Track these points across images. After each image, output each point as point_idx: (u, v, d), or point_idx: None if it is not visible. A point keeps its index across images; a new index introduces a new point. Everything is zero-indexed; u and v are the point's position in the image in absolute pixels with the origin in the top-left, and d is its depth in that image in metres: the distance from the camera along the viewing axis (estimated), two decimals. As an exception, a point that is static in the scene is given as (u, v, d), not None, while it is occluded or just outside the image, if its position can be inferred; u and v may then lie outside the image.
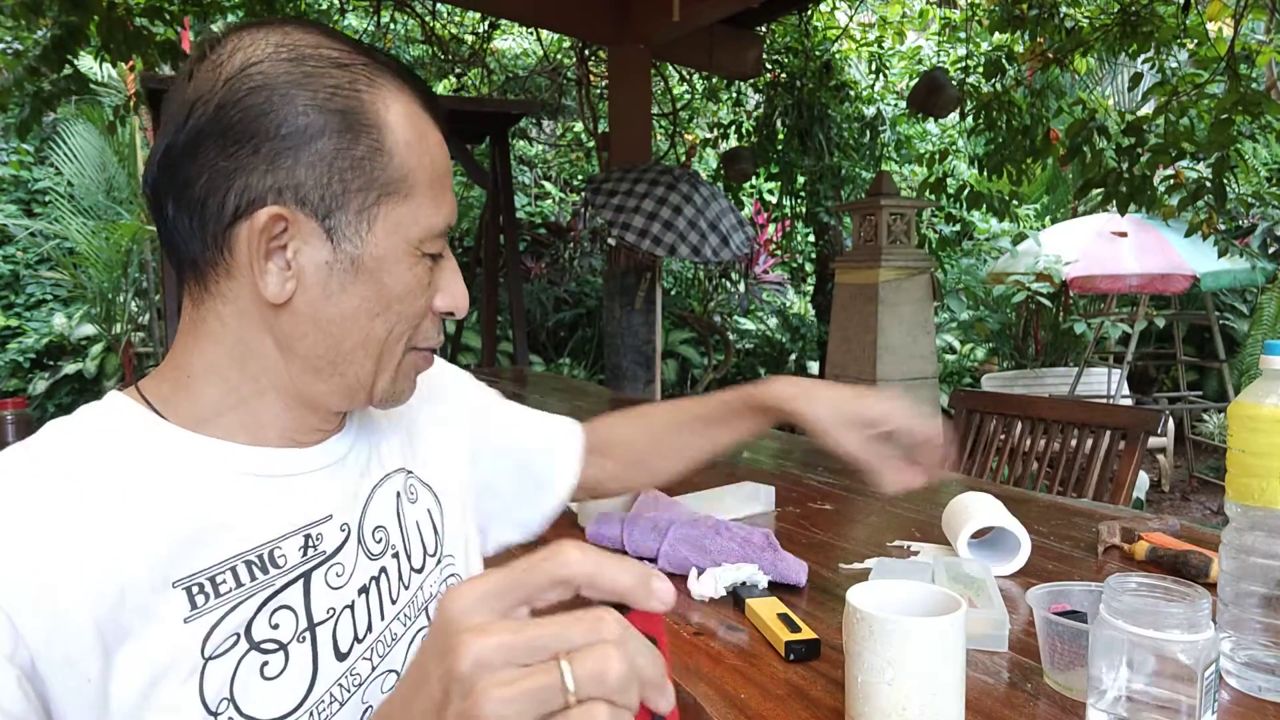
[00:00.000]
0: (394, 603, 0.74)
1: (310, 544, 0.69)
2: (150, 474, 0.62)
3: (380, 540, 0.75)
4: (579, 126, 8.14)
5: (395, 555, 0.76)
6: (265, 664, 0.64)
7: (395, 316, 0.67)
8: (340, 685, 0.68)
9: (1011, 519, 1.18)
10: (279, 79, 0.62)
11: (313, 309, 0.65)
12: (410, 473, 0.81)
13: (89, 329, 7.54)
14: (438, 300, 0.70)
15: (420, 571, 0.78)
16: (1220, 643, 0.78)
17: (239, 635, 0.63)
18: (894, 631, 0.70)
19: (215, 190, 0.61)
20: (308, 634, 0.67)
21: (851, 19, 6.52)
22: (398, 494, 0.78)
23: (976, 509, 1.21)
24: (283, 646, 0.66)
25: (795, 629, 0.93)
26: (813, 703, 0.81)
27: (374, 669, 0.71)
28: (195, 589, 0.61)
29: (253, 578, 0.65)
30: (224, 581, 0.63)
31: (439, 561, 0.81)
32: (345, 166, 0.63)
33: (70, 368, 7.40)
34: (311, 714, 0.66)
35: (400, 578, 0.76)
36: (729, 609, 1.06)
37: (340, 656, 0.69)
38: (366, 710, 0.70)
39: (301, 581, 0.68)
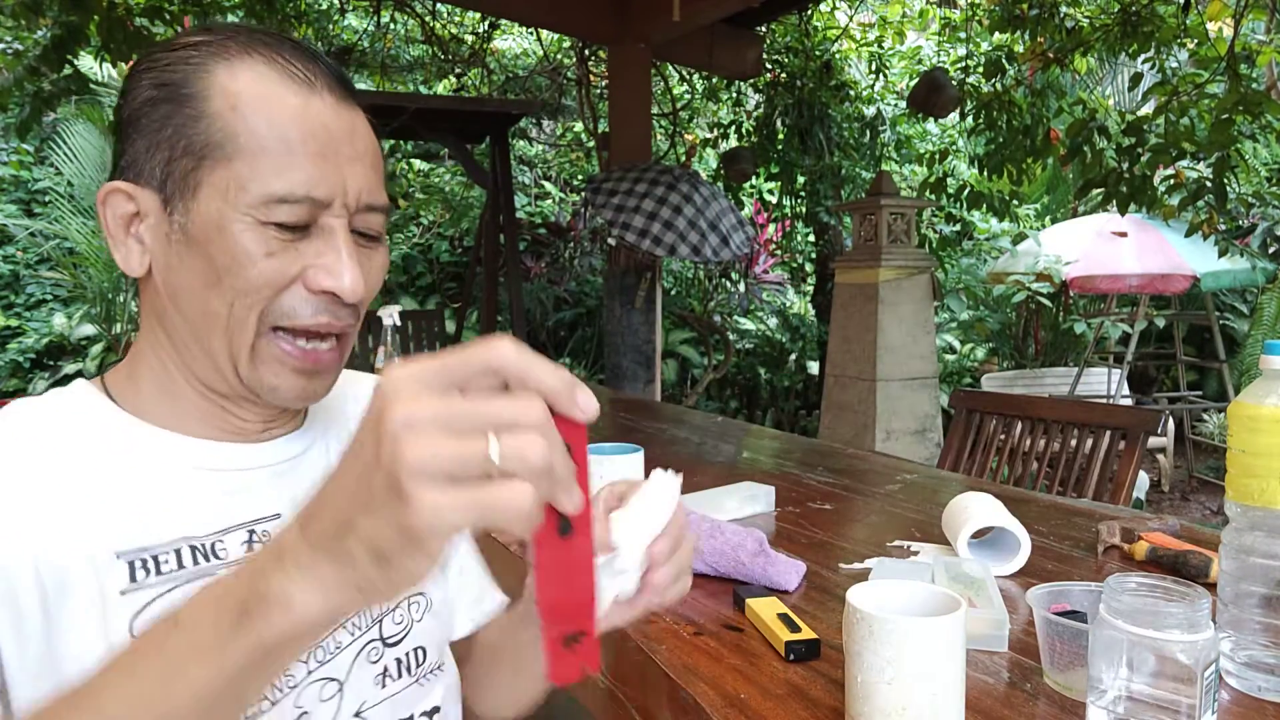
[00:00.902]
0: None
1: (255, 540, 0.69)
2: (100, 456, 0.65)
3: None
4: (579, 126, 8.14)
5: None
6: None
7: (229, 289, 0.63)
8: (274, 686, 0.67)
9: (1011, 519, 1.18)
10: (142, 65, 0.65)
11: (164, 283, 0.66)
12: None
13: (89, 329, 7.54)
14: (316, 277, 0.65)
15: None
16: (1220, 643, 0.78)
17: None
18: (894, 631, 0.70)
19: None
20: None
21: (851, 19, 6.52)
22: None
23: (976, 509, 1.21)
24: None
25: (795, 629, 0.93)
26: (813, 703, 0.81)
27: (310, 673, 0.70)
28: (138, 563, 0.63)
29: (195, 563, 0.65)
30: (166, 561, 0.64)
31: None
32: (169, 135, 0.63)
33: (70, 368, 7.40)
34: None
35: None
36: (729, 609, 1.06)
37: None
38: (302, 715, 0.69)
39: None
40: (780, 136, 6.28)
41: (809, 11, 6.05)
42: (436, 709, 0.79)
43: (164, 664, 0.45)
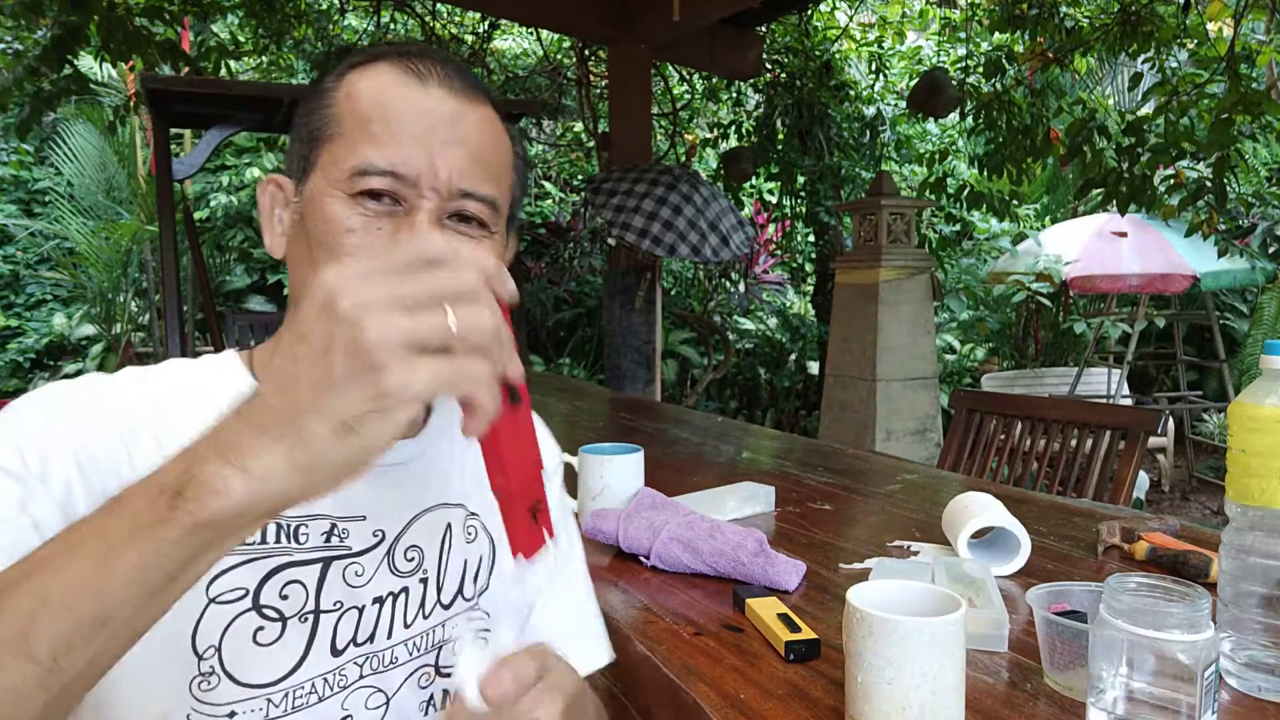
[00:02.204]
0: (407, 626, 0.74)
1: (335, 534, 0.70)
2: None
3: (412, 560, 0.74)
4: (579, 126, 8.14)
5: (424, 581, 0.75)
6: (260, 629, 0.66)
7: (320, 263, 0.66)
8: (324, 679, 0.69)
9: (1011, 519, 1.18)
10: (323, 81, 0.74)
11: (289, 261, 0.72)
12: (475, 514, 0.79)
13: (89, 329, 7.54)
14: None
15: (447, 608, 0.76)
16: (1220, 643, 0.78)
17: (246, 591, 0.65)
18: (894, 631, 0.70)
19: None
20: (311, 617, 0.68)
21: (851, 19, 6.52)
22: (448, 525, 0.77)
23: (976, 509, 1.21)
24: (283, 619, 0.67)
25: (795, 629, 0.93)
26: (813, 703, 0.81)
27: (361, 677, 0.71)
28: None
29: (276, 540, 0.67)
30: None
31: (473, 607, 0.79)
32: (300, 127, 0.72)
33: (70, 368, 7.40)
34: (288, 695, 0.67)
35: (422, 605, 0.75)
36: (729, 609, 1.06)
37: (335, 652, 0.69)
38: (345, 718, 0.70)
39: (320, 565, 0.69)
40: (780, 136, 6.28)
41: (809, 11, 6.04)
42: None
43: (101, 543, 0.45)
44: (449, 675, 0.76)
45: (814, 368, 7.11)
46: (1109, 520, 1.28)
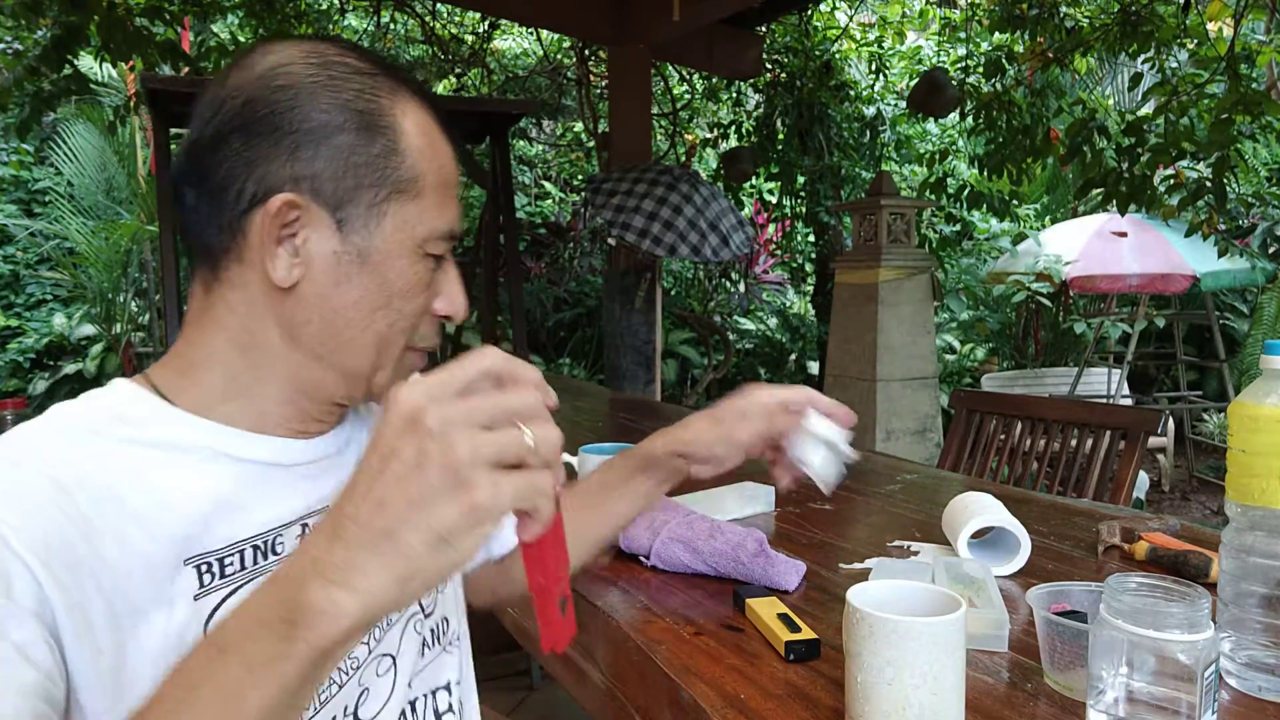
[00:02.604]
0: None
1: (309, 532, 0.70)
2: (159, 456, 0.64)
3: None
4: (579, 126, 8.14)
5: None
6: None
7: (396, 312, 0.69)
8: (339, 669, 0.71)
9: (1011, 519, 1.18)
10: (305, 79, 0.66)
11: (318, 297, 0.67)
12: None
13: (89, 329, 7.54)
14: (437, 303, 0.72)
15: None
16: (1220, 643, 0.78)
17: None
18: (894, 631, 0.70)
19: (235, 178, 0.65)
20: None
21: (851, 19, 6.51)
22: None
23: (976, 509, 1.21)
24: None
25: (795, 629, 0.93)
26: (813, 703, 0.81)
27: (370, 652, 0.74)
28: (204, 567, 0.63)
29: (255, 562, 0.67)
30: (231, 563, 0.65)
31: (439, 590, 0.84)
32: (360, 162, 0.66)
33: (70, 368, 7.40)
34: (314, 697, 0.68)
35: None
36: (729, 609, 1.06)
37: None
38: (363, 693, 0.73)
39: None
40: (780, 136, 6.27)
41: (809, 12, 6.04)
42: (460, 681, 0.85)
43: (218, 691, 0.46)
44: (429, 615, 0.81)
45: (814, 368, 7.10)
46: (1109, 520, 1.28)
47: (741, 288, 7.30)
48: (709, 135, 7.15)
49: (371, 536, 0.45)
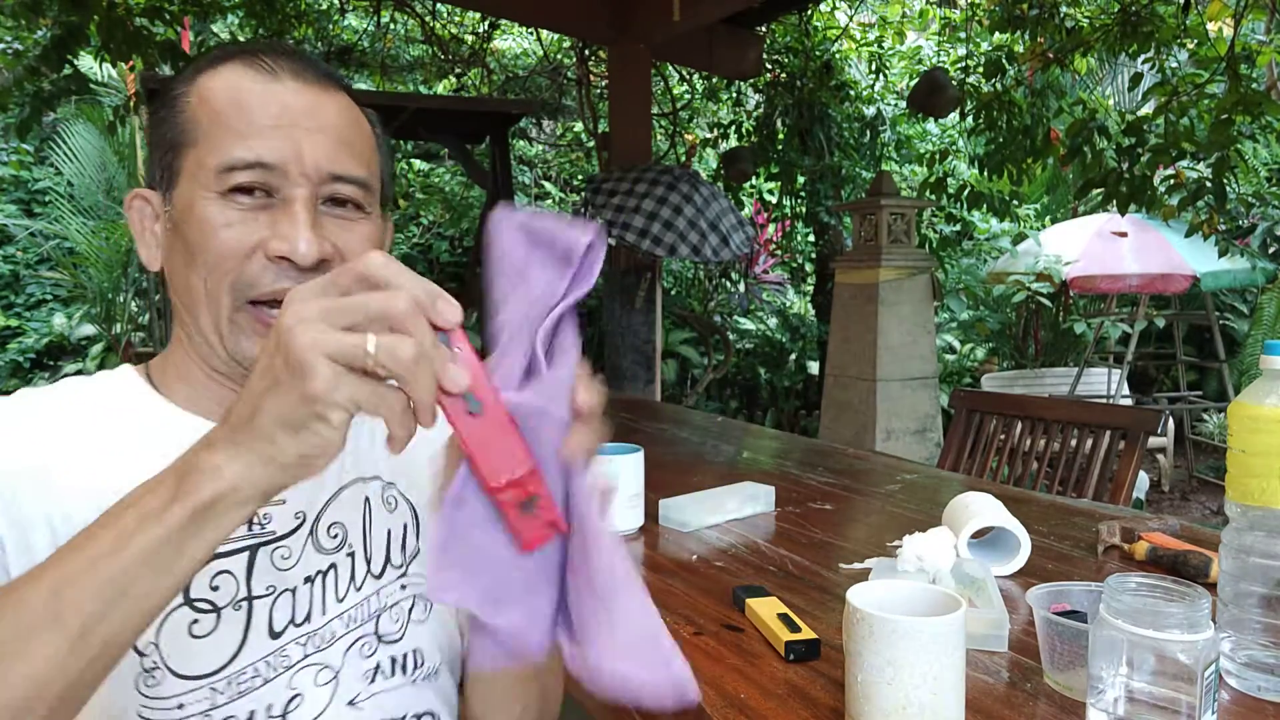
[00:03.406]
0: (339, 600, 0.75)
1: (257, 521, 0.72)
2: (132, 435, 0.71)
3: (336, 536, 0.76)
4: (579, 126, 8.14)
5: (350, 555, 0.76)
6: (195, 621, 0.68)
7: (202, 266, 0.68)
8: (266, 662, 0.70)
9: (1011, 519, 1.18)
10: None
11: (167, 272, 0.73)
12: (391, 484, 0.81)
13: (89, 329, 7.54)
14: (269, 242, 0.67)
15: (379, 578, 0.77)
16: (1220, 643, 0.78)
17: None
18: (894, 631, 0.70)
19: None
20: (244, 604, 0.70)
21: (851, 19, 6.51)
22: (366, 499, 0.78)
23: (976, 509, 1.21)
24: (217, 609, 0.69)
25: (795, 629, 0.93)
26: (813, 703, 0.81)
27: (305, 656, 0.72)
28: None
29: None
30: None
31: (402, 574, 0.79)
32: (157, 137, 0.71)
33: (70, 368, 7.40)
34: (231, 682, 0.68)
35: (352, 578, 0.76)
36: (729, 609, 1.06)
37: (273, 635, 0.71)
38: (295, 696, 0.71)
39: (247, 554, 0.71)
40: (780, 136, 6.27)
41: (809, 12, 6.04)
42: (430, 713, 0.79)
43: (116, 532, 0.51)
44: (393, 642, 0.77)
45: (814, 368, 7.10)
46: (1109, 520, 1.28)
47: (741, 288, 7.30)
48: (709, 135, 7.14)
49: (242, 419, 0.50)
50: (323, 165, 0.68)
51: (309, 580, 0.73)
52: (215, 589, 0.69)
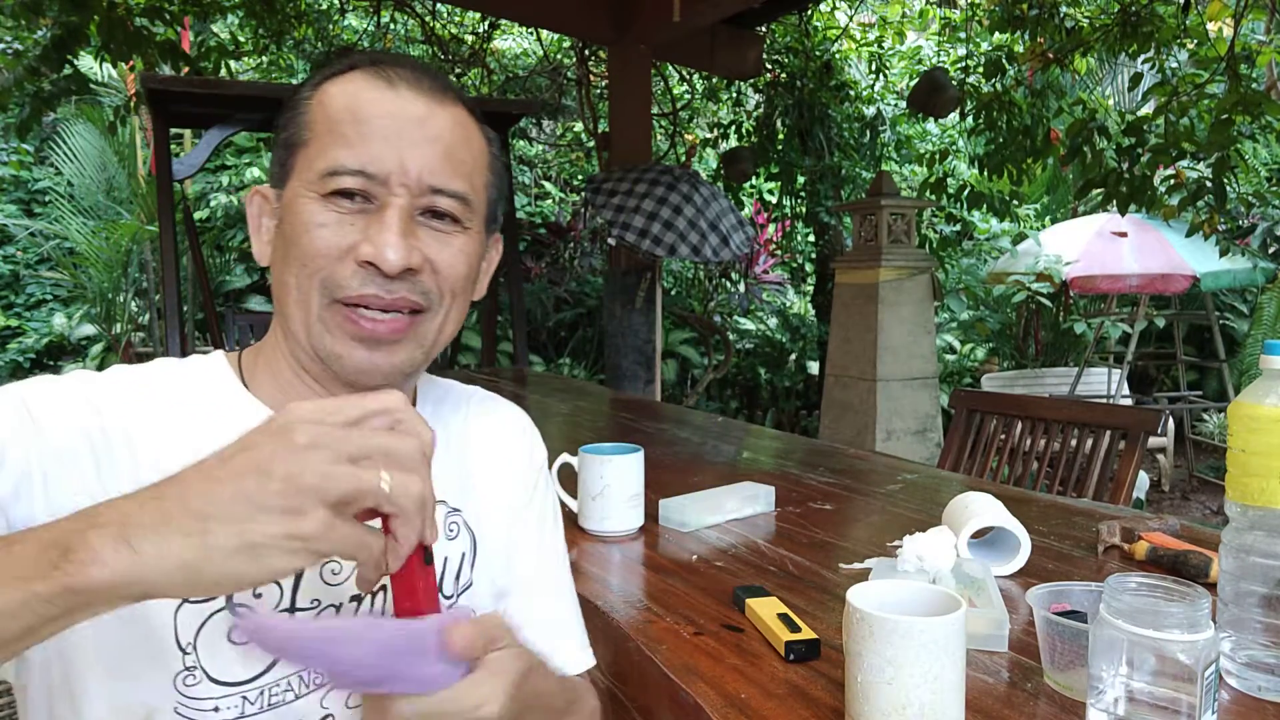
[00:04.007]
0: None
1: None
2: (208, 424, 0.69)
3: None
4: (579, 126, 8.14)
5: None
6: (235, 628, 0.67)
7: (296, 262, 0.69)
8: (300, 678, 0.69)
9: (1011, 519, 1.18)
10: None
11: (271, 267, 0.73)
12: (457, 510, 0.80)
13: (89, 329, 7.54)
14: (360, 247, 0.67)
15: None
16: (1220, 643, 0.78)
17: None
18: (894, 631, 0.70)
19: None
20: (286, 615, 0.69)
21: (851, 19, 6.52)
22: None
23: (977, 509, 1.21)
24: None
25: (795, 629, 0.93)
26: (813, 703, 0.81)
27: (297, 697, 0.70)
28: None
29: None
30: None
31: (452, 605, 0.79)
32: (278, 138, 0.73)
33: (70, 368, 7.40)
34: (263, 693, 0.67)
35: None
36: (729, 609, 1.06)
37: None
38: (326, 717, 0.70)
39: None
40: (780, 136, 6.27)
41: (809, 12, 6.04)
42: None
43: None
44: None
45: (814, 368, 7.10)
46: (1109, 520, 1.28)
47: (741, 288, 7.30)
48: (709, 135, 7.15)
49: (186, 510, 0.45)
50: (424, 177, 0.69)
51: (356, 599, 0.72)
52: (258, 596, 0.68)
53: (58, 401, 0.65)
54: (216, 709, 0.66)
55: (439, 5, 6.18)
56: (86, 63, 6.16)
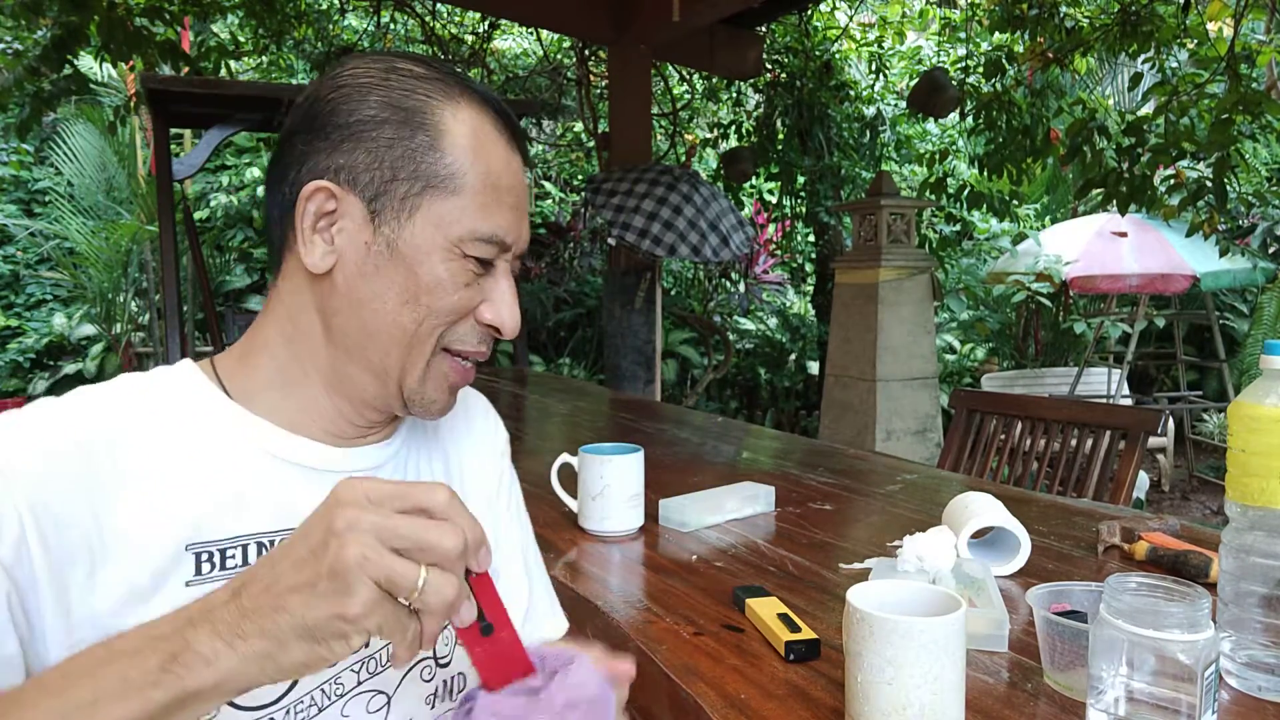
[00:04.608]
0: None
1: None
2: (196, 440, 0.66)
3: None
4: (579, 126, 8.14)
5: None
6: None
7: (424, 309, 0.68)
8: (322, 691, 0.69)
9: (1011, 519, 1.18)
10: (363, 79, 0.69)
11: (349, 286, 0.68)
12: None
13: (89, 329, 7.54)
14: (484, 310, 0.71)
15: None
16: (1220, 643, 0.78)
17: None
18: (894, 631, 0.70)
19: (291, 171, 0.69)
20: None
21: (851, 19, 6.52)
22: None
23: (977, 509, 1.21)
24: None
25: (795, 629, 0.93)
26: (813, 703, 0.81)
27: (359, 683, 0.71)
28: (205, 556, 0.64)
29: (259, 558, 0.66)
30: (233, 556, 0.65)
31: None
32: (398, 155, 0.67)
33: (70, 368, 7.40)
34: (289, 711, 0.67)
35: None
36: (729, 609, 1.06)
37: None
38: None
39: None
40: (780, 136, 6.27)
41: (809, 12, 6.04)
42: None
43: (92, 691, 0.48)
44: (445, 665, 0.78)
45: (814, 368, 7.10)
46: (1109, 520, 1.28)
47: (741, 288, 7.30)
48: (709, 135, 7.15)
49: (261, 607, 0.48)
50: (524, 244, 0.73)
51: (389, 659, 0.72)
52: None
53: (35, 457, 0.60)
54: None
55: (439, 5, 6.18)
56: (86, 63, 6.16)
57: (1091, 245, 5.85)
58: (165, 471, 0.64)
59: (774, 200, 6.83)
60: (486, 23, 6.63)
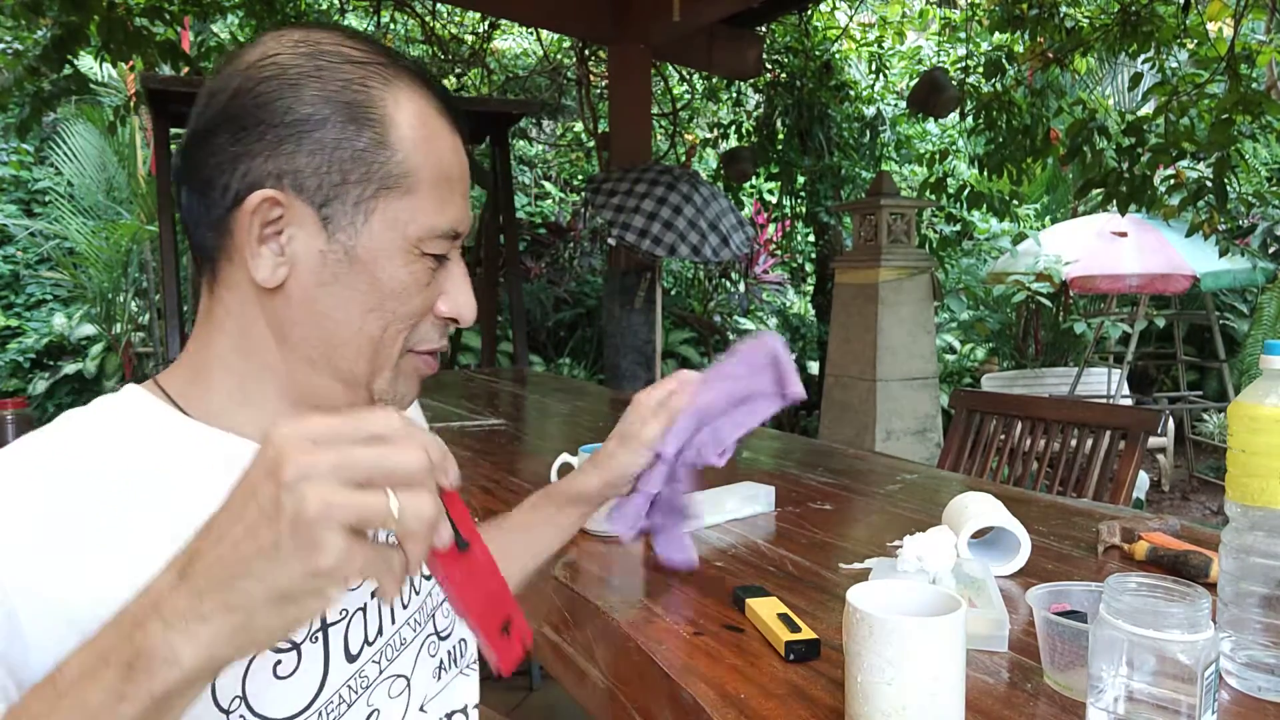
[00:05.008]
0: (405, 607, 0.76)
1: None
2: (169, 467, 0.62)
3: (394, 544, 0.75)
4: (579, 126, 8.14)
5: None
6: (278, 663, 0.65)
7: (390, 314, 0.66)
8: (349, 687, 0.69)
9: (1011, 519, 1.18)
10: (291, 69, 0.62)
11: (306, 297, 0.64)
12: None
13: (89, 329, 7.54)
14: (441, 304, 0.69)
15: (430, 578, 0.79)
16: (1220, 643, 0.78)
17: None
18: (894, 631, 0.69)
19: (221, 174, 0.62)
20: (320, 634, 0.68)
21: (851, 19, 6.52)
22: None
23: (976, 509, 1.21)
24: (295, 646, 0.66)
25: (795, 629, 0.93)
26: (813, 703, 0.81)
27: (381, 672, 0.72)
28: None
29: None
30: None
31: (430, 589, 0.82)
32: (346, 157, 0.63)
33: (70, 368, 7.40)
34: (321, 714, 0.67)
35: (412, 583, 0.77)
36: (729, 609, 1.06)
37: (350, 658, 0.70)
38: (373, 713, 0.71)
39: None
40: (780, 136, 6.27)
41: (809, 12, 6.04)
42: (475, 704, 0.84)
43: None
44: (446, 637, 0.80)
45: (814, 368, 7.10)
46: (1109, 520, 1.28)
47: (741, 288, 7.31)
48: (709, 135, 7.15)
49: (215, 582, 0.44)
50: (469, 225, 0.71)
51: (376, 593, 0.72)
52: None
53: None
54: None
55: (439, 5, 6.18)
56: (86, 63, 6.16)
57: (1091, 245, 5.85)
58: (134, 516, 0.59)
59: (774, 200, 6.83)
60: (486, 23, 6.63)
